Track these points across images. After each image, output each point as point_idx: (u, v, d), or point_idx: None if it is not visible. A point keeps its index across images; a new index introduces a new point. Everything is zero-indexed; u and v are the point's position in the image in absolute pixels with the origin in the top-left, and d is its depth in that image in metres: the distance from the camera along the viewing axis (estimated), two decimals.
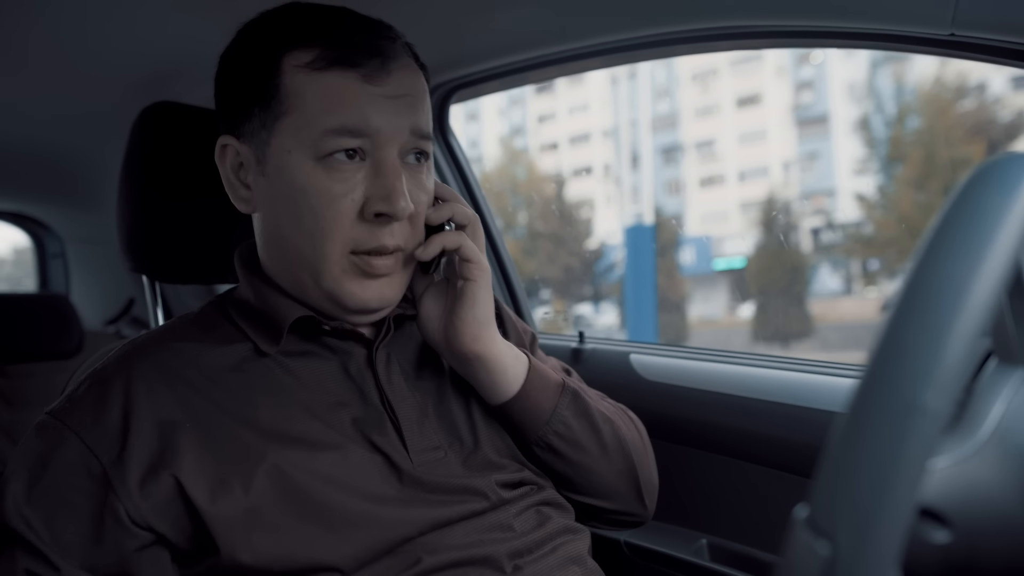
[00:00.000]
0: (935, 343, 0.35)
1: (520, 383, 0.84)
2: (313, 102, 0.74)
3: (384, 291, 0.78)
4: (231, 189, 0.81)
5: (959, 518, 0.41)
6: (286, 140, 0.75)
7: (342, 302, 0.77)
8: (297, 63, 0.75)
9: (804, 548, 0.37)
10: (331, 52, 0.74)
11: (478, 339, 0.80)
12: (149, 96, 1.12)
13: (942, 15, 0.84)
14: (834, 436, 0.37)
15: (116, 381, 0.73)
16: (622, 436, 0.90)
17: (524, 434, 0.84)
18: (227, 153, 0.80)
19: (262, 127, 0.76)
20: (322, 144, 0.73)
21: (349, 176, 0.74)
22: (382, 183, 0.74)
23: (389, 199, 0.74)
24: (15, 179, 2.08)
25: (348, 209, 0.74)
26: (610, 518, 0.93)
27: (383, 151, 0.75)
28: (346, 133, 0.73)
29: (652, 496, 0.95)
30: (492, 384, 0.83)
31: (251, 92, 0.77)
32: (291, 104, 0.74)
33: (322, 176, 0.74)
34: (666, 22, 1.12)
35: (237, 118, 0.79)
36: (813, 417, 1.11)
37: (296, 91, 0.74)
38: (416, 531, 0.73)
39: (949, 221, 0.39)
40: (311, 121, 0.73)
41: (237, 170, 0.80)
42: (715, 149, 18.48)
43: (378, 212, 0.74)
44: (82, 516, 0.68)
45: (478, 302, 0.80)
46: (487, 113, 19.24)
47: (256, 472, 0.70)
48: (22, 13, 1.19)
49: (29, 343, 2.00)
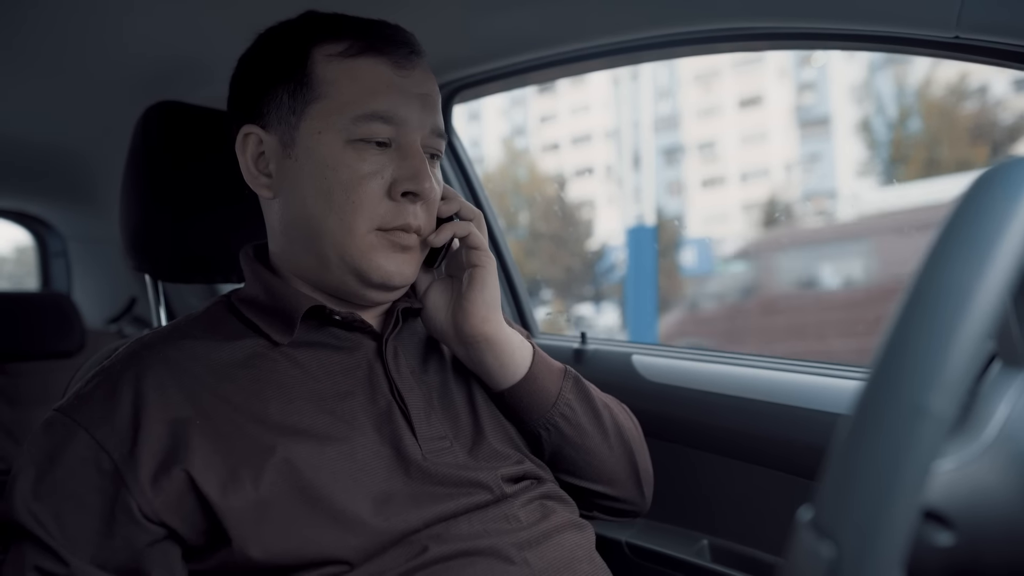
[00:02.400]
0: (940, 346, 0.35)
1: (527, 366, 0.86)
2: (346, 88, 0.77)
3: (404, 267, 0.81)
4: (251, 177, 0.83)
5: (963, 521, 0.41)
6: (317, 123, 0.78)
7: (367, 275, 0.79)
8: (329, 52, 0.79)
9: (808, 550, 0.37)
10: (362, 41, 0.79)
11: (487, 320, 0.83)
12: (152, 95, 1.12)
13: (947, 18, 0.84)
14: (838, 438, 0.37)
15: (125, 378, 0.74)
16: (620, 423, 0.93)
17: (531, 417, 0.86)
18: (249, 142, 0.83)
19: (291, 112, 0.79)
20: (354, 128, 0.77)
21: (377, 159, 0.78)
22: (409, 164, 0.78)
23: (416, 178, 0.78)
24: (18, 177, 2.09)
25: (377, 188, 0.78)
26: (610, 506, 0.95)
27: (409, 138, 0.79)
28: (378, 119, 0.77)
29: (649, 486, 0.97)
30: (500, 367, 0.85)
31: (280, 80, 0.80)
32: (323, 91, 0.78)
33: (352, 156, 0.77)
34: (671, 23, 1.12)
35: (263, 106, 0.81)
36: (815, 418, 1.12)
37: (328, 79, 0.78)
38: (422, 523, 0.74)
39: (954, 225, 0.39)
40: (343, 107, 0.77)
41: (257, 159, 0.83)
42: (717, 150, 18.47)
43: (406, 191, 0.78)
44: (93, 511, 0.68)
45: (487, 286, 0.84)
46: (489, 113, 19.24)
47: (265, 466, 0.71)
48: (26, 13, 1.19)
49: (31, 342, 2.01)
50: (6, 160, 1.95)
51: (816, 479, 0.38)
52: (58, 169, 1.98)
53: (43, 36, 1.27)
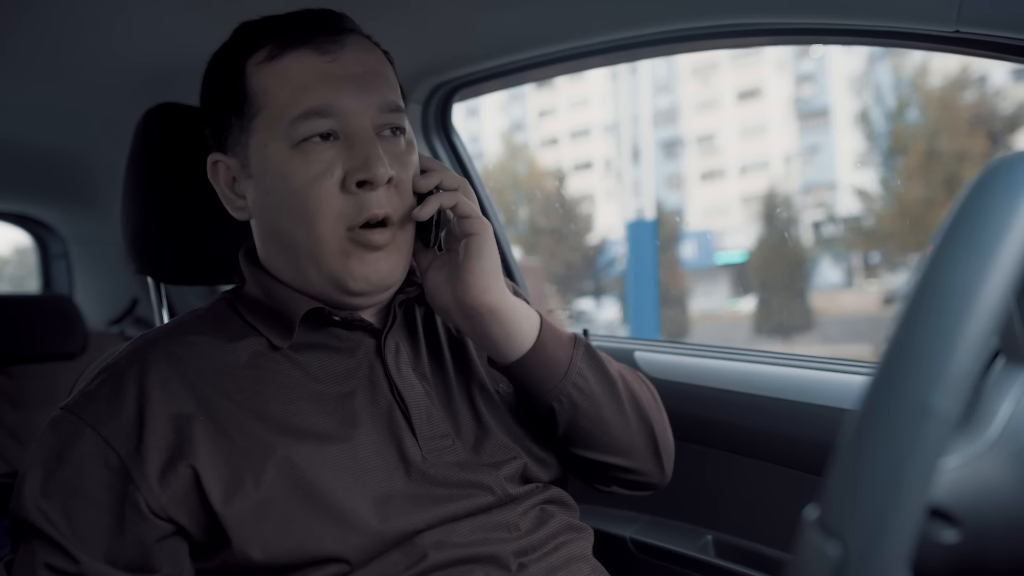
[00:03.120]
0: (945, 344, 0.35)
1: (535, 335, 0.83)
2: (277, 93, 0.76)
3: (382, 265, 0.78)
4: (228, 202, 0.84)
5: (968, 518, 0.41)
6: (262, 136, 0.77)
7: (344, 284, 0.78)
8: (257, 61, 0.78)
9: (814, 549, 0.37)
10: (283, 38, 0.78)
11: (488, 290, 0.80)
12: (151, 97, 1.12)
13: (947, 12, 0.84)
14: (844, 437, 0.37)
15: (129, 375, 0.74)
16: (635, 392, 0.90)
17: (543, 389, 0.83)
18: (219, 169, 0.83)
19: (241, 133, 0.79)
20: (293, 131, 0.75)
21: (326, 156, 0.76)
22: (357, 153, 0.76)
23: (367, 166, 0.75)
24: (19, 181, 2.09)
25: (331, 185, 0.76)
26: (628, 479, 0.92)
27: (353, 125, 0.77)
28: (314, 115, 0.75)
29: (669, 457, 0.94)
30: (507, 337, 0.82)
31: (225, 104, 0.80)
32: (260, 102, 0.77)
33: (299, 160, 0.76)
34: (671, 20, 1.12)
35: (220, 133, 0.82)
36: (818, 413, 1.12)
37: (261, 88, 0.77)
38: (424, 524, 0.74)
39: (958, 222, 0.39)
40: (280, 112, 0.76)
41: (231, 184, 0.83)
42: (716, 143, 18.46)
43: (359, 181, 0.75)
44: (101, 508, 0.69)
45: (484, 253, 0.80)
46: (487, 108, 19.22)
47: (267, 465, 0.71)
48: (25, 16, 1.19)
49: (34, 344, 2.01)
50: (7, 163, 1.95)
51: (818, 474, 0.38)
52: (58, 172, 1.98)
53: (42, 40, 1.27)
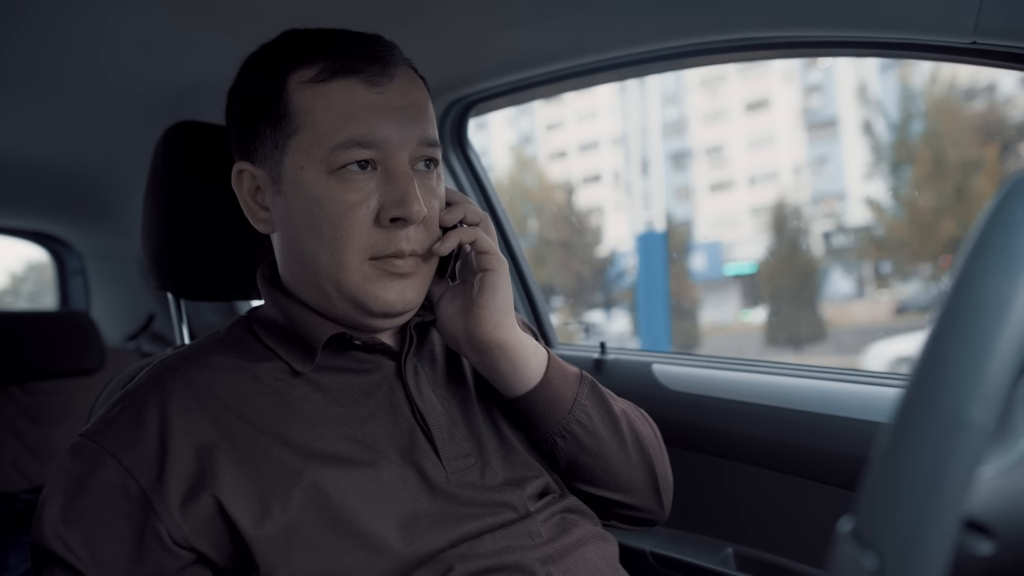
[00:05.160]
0: (978, 356, 0.36)
1: (542, 372, 0.85)
2: (321, 117, 0.76)
3: (405, 292, 0.79)
4: (250, 212, 0.83)
5: (1004, 529, 0.41)
6: (299, 157, 0.76)
7: (367, 306, 0.78)
8: (302, 79, 0.77)
9: (850, 561, 0.37)
10: (333, 63, 0.76)
11: (499, 326, 0.81)
12: (167, 115, 1.13)
13: (964, 23, 0.84)
14: (878, 450, 0.38)
15: (150, 402, 0.74)
16: (638, 430, 0.92)
17: (547, 424, 0.85)
18: (243, 178, 0.82)
19: (275, 148, 0.78)
20: (334, 158, 0.75)
21: (363, 186, 0.76)
22: (395, 188, 0.76)
23: (403, 203, 0.75)
24: (36, 198, 2.11)
25: (364, 217, 0.76)
26: (627, 515, 0.93)
27: (393, 159, 0.77)
28: (356, 145, 0.75)
29: (668, 495, 0.96)
30: (515, 373, 0.83)
31: (261, 115, 0.79)
32: (300, 122, 0.76)
33: (336, 188, 0.75)
34: (682, 35, 1.12)
35: (250, 143, 0.81)
36: (837, 425, 1.11)
37: (304, 108, 0.76)
38: (448, 543, 0.74)
39: (988, 232, 0.39)
40: (321, 137, 0.75)
41: (254, 194, 0.82)
42: (724, 154, 18.44)
43: (394, 217, 0.76)
44: (123, 538, 0.68)
45: (498, 290, 0.82)
46: (496, 122, 19.28)
47: (293, 491, 0.71)
48: (45, 37, 1.21)
49: (52, 360, 2.02)
50: (26, 182, 1.97)
51: (837, 485, 0.39)
52: (76, 189, 2.00)
53: (63, 60, 1.29)
